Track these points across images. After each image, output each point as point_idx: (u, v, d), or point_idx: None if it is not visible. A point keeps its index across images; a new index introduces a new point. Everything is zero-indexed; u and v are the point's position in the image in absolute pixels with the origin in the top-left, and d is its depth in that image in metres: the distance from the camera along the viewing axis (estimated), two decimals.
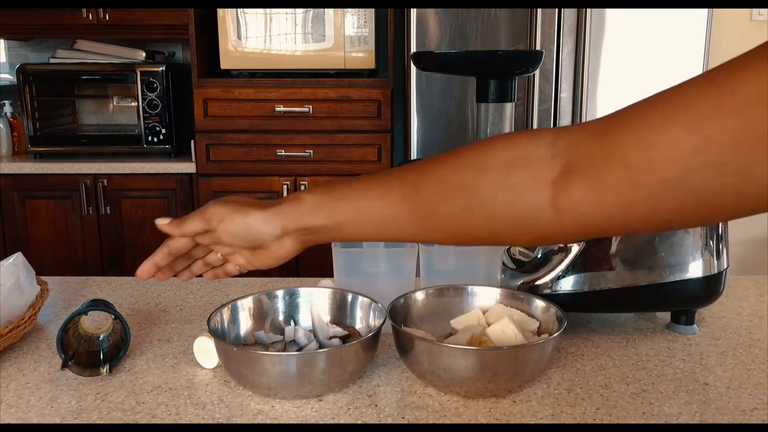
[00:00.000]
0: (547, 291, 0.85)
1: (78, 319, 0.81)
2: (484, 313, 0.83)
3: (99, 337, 0.82)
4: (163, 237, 0.70)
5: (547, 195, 0.50)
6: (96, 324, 0.86)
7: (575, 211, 0.49)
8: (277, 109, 2.53)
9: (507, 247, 0.92)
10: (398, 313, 0.80)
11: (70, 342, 0.78)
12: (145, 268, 0.69)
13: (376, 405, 0.71)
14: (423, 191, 0.57)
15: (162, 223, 0.68)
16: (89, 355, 0.80)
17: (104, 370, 0.77)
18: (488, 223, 0.54)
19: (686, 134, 0.41)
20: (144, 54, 2.78)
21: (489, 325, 0.80)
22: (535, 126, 2.23)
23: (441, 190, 0.56)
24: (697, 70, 2.19)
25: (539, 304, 0.81)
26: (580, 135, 0.49)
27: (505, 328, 0.76)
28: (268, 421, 0.68)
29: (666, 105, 0.43)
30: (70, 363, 0.76)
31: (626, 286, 0.84)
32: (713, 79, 0.41)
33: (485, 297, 0.85)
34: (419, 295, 0.84)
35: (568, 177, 0.49)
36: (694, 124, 0.40)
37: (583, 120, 2.23)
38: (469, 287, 0.85)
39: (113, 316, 0.81)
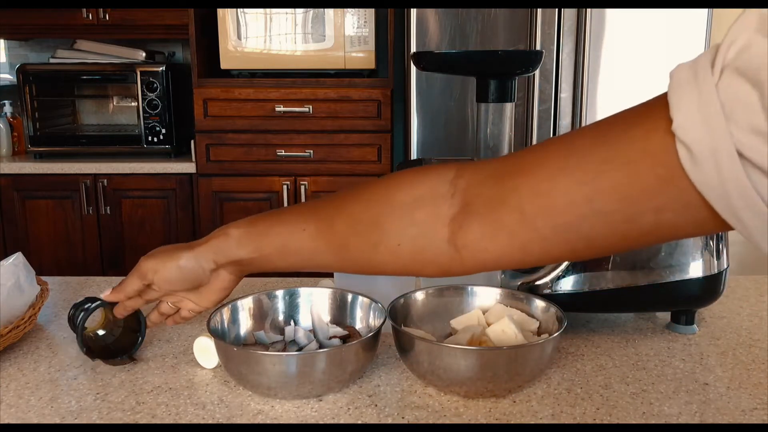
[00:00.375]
0: (547, 291, 0.85)
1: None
2: (484, 313, 0.83)
3: (99, 333, 0.82)
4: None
5: (446, 232, 0.52)
6: (90, 323, 0.86)
7: (473, 249, 0.50)
8: (277, 109, 2.53)
9: None
10: (398, 313, 0.80)
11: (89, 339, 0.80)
12: None
13: (376, 405, 0.71)
14: (336, 226, 0.59)
15: (105, 294, 0.75)
16: (102, 350, 0.80)
17: (125, 359, 0.79)
18: (395, 258, 0.56)
19: (578, 185, 0.43)
20: (144, 54, 2.78)
21: (489, 325, 0.80)
22: (535, 126, 2.23)
23: (351, 226, 0.57)
24: None
25: (539, 304, 0.81)
26: (479, 175, 0.51)
27: (505, 328, 0.76)
28: (268, 421, 0.68)
29: (560, 153, 0.45)
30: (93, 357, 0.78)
31: (626, 286, 0.84)
32: (605, 133, 0.43)
33: (485, 297, 0.85)
34: (419, 295, 0.84)
35: (465, 216, 0.50)
36: (587, 175, 0.42)
37: (583, 121, 2.24)
38: (469, 287, 0.85)
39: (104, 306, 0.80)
